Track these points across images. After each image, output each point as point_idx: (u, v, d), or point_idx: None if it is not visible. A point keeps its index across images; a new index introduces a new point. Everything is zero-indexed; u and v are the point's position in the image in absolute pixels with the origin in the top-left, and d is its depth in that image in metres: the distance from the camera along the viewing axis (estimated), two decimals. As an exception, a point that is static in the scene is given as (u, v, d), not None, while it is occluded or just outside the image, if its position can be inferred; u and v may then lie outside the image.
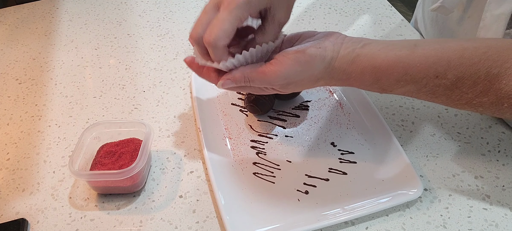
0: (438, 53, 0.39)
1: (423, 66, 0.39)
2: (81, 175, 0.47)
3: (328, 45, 0.42)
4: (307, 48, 0.41)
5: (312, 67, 0.41)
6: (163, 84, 0.66)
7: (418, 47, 0.40)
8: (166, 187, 0.51)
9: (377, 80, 0.41)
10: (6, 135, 0.59)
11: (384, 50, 0.41)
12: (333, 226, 0.45)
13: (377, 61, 0.40)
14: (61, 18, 0.85)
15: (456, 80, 0.38)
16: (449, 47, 0.39)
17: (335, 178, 0.49)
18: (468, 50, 0.38)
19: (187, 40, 0.75)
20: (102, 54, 0.74)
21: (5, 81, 0.70)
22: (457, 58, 0.38)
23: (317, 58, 0.41)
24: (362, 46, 0.41)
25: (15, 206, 0.50)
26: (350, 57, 0.41)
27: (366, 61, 0.41)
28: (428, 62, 0.39)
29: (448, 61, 0.38)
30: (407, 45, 0.41)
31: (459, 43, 0.39)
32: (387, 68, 0.40)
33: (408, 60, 0.39)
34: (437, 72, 0.39)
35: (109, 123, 0.53)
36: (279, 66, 0.40)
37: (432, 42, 0.41)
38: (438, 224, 0.44)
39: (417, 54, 0.39)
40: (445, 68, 0.38)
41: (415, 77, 0.40)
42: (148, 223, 0.47)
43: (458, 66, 0.38)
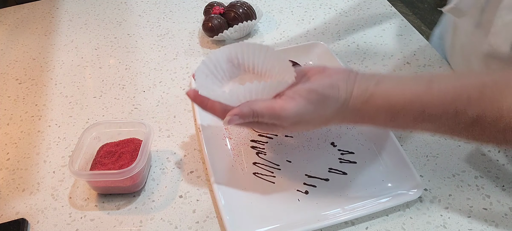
0: (457, 89, 0.37)
1: (441, 104, 0.37)
2: (81, 175, 0.47)
3: (342, 84, 0.40)
4: (321, 87, 0.39)
5: (325, 108, 0.40)
6: (163, 84, 0.66)
7: (434, 83, 0.38)
8: (166, 187, 0.51)
9: (393, 119, 0.39)
10: (6, 135, 0.59)
11: (399, 87, 0.39)
12: (333, 226, 0.45)
13: (392, 99, 0.38)
14: (61, 18, 0.85)
15: (477, 117, 0.36)
16: (468, 83, 0.37)
17: (335, 178, 0.49)
18: (488, 86, 0.36)
19: (187, 40, 0.75)
20: (102, 54, 0.74)
21: (5, 81, 0.70)
22: (477, 95, 0.36)
23: (331, 99, 0.39)
24: (376, 83, 0.40)
25: (15, 206, 0.50)
26: (364, 97, 0.39)
27: (381, 100, 0.39)
28: (446, 99, 0.37)
29: (468, 98, 0.36)
30: (422, 81, 0.39)
31: (478, 78, 0.37)
32: (403, 107, 0.38)
33: (425, 97, 0.37)
34: (457, 109, 0.36)
35: (109, 123, 0.53)
36: (291, 104, 0.39)
37: (448, 77, 0.39)
38: (438, 224, 0.44)
39: (435, 91, 0.37)
40: (465, 105, 0.36)
41: (434, 116, 0.37)
42: (148, 223, 0.47)
43: (479, 103, 0.36)
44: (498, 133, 0.36)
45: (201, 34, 0.76)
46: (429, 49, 0.68)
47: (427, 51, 0.68)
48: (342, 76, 0.41)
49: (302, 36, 0.74)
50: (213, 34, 0.71)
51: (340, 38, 0.72)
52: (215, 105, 0.42)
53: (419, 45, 0.69)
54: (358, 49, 0.70)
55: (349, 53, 0.69)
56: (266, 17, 0.79)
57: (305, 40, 0.73)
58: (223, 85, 0.46)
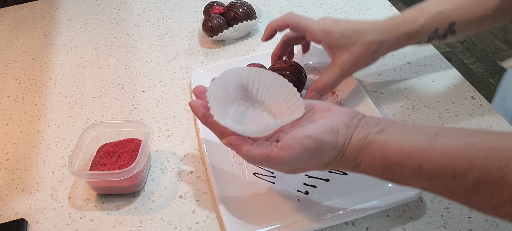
0: (459, 150, 0.34)
1: (440, 163, 0.34)
2: (80, 175, 0.47)
3: (342, 128, 0.39)
4: (318, 133, 0.38)
5: (321, 155, 0.39)
6: (163, 84, 0.66)
7: (438, 139, 0.36)
8: (165, 187, 0.50)
9: (388, 172, 0.38)
10: (6, 135, 0.59)
11: (399, 139, 0.37)
12: (333, 226, 0.45)
13: (389, 151, 0.37)
14: (61, 18, 0.85)
15: (478, 184, 0.33)
16: (473, 144, 0.34)
17: (335, 178, 0.49)
18: (495, 151, 0.33)
19: (187, 39, 0.75)
20: (101, 54, 0.74)
21: (5, 81, 0.70)
22: (480, 159, 0.33)
23: (327, 146, 0.38)
24: (378, 131, 0.38)
25: (15, 206, 0.50)
26: (361, 144, 0.38)
27: (378, 150, 0.37)
28: (446, 159, 0.34)
29: (469, 161, 0.33)
30: (427, 134, 0.37)
31: (486, 140, 0.34)
32: (399, 161, 0.36)
33: (423, 154, 0.35)
34: (456, 172, 0.34)
35: (109, 123, 0.53)
36: (286, 152, 0.38)
37: (455, 134, 0.36)
38: (439, 224, 0.44)
39: (435, 148, 0.35)
40: (465, 169, 0.33)
41: (430, 174, 0.35)
42: (147, 223, 0.47)
43: (481, 169, 0.32)
44: (501, 206, 0.33)
45: (201, 34, 0.76)
46: (430, 49, 0.68)
47: (428, 51, 0.68)
48: (345, 120, 0.40)
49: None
50: (213, 33, 0.71)
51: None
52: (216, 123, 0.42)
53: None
54: (358, 49, 0.69)
55: (349, 53, 0.69)
56: (266, 16, 0.79)
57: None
58: (230, 107, 0.46)
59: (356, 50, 0.52)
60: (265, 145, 0.40)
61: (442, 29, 0.53)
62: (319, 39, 0.53)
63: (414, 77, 0.63)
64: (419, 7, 0.53)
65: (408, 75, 0.63)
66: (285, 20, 0.54)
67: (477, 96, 0.58)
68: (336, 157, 0.39)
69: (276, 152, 0.38)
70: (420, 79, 0.62)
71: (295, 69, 0.57)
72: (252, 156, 0.40)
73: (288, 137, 0.39)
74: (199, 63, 0.70)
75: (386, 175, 0.38)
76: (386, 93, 0.60)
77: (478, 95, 0.58)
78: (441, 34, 0.53)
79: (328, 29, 0.52)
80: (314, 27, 0.52)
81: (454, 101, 0.58)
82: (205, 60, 0.70)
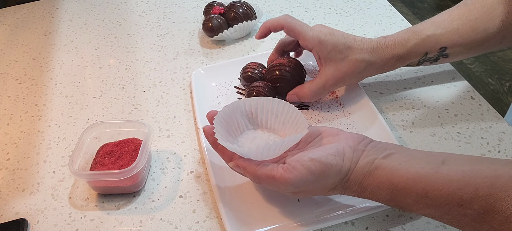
0: (466, 177, 0.34)
1: (445, 191, 0.34)
2: (81, 175, 0.47)
3: (348, 152, 0.39)
4: (324, 157, 0.38)
5: (326, 178, 0.39)
6: (163, 84, 0.66)
7: (444, 166, 0.35)
8: (166, 187, 0.51)
9: (394, 198, 0.37)
10: (6, 135, 0.59)
11: (406, 165, 0.37)
12: (333, 226, 0.45)
13: (395, 177, 0.36)
14: (61, 18, 0.85)
15: (484, 213, 0.32)
16: (480, 171, 0.34)
17: (335, 178, 0.49)
18: (502, 179, 0.32)
19: (187, 40, 0.76)
20: (102, 54, 0.74)
21: (5, 81, 0.70)
22: (487, 187, 0.32)
23: (333, 169, 0.38)
24: (384, 156, 0.38)
25: (15, 206, 0.50)
26: (368, 169, 0.38)
27: (384, 175, 0.37)
28: (452, 187, 0.34)
29: (476, 189, 0.32)
30: (434, 161, 0.36)
31: (493, 168, 0.34)
32: (405, 187, 0.36)
33: (429, 180, 0.35)
34: (462, 200, 0.33)
35: (109, 123, 0.53)
36: (291, 174, 0.38)
37: (463, 161, 0.36)
38: (438, 224, 0.44)
39: (441, 175, 0.35)
40: (472, 197, 0.33)
41: (436, 202, 0.34)
42: (148, 223, 0.47)
43: (487, 197, 0.32)
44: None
45: (201, 34, 0.76)
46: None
47: (427, 51, 0.68)
48: (352, 144, 0.40)
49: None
50: (213, 34, 0.71)
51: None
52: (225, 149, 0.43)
53: (419, 45, 0.69)
54: (358, 49, 0.70)
55: (349, 53, 0.69)
56: (266, 17, 0.79)
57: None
58: (236, 136, 0.47)
59: (342, 68, 0.52)
60: (271, 166, 0.40)
61: (432, 53, 0.52)
62: (311, 47, 0.53)
63: (413, 77, 0.63)
64: (410, 29, 0.53)
65: (408, 75, 0.63)
66: (280, 21, 0.54)
67: (476, 96, 0.58)
68: (341, 181, 0.39)
69: (281, 173, 0.38)
70: (420, 79, 0.62)
71: (294, 64, 0.57)
72: (258, 176, 0.40)
73: (294, 159, 0.39)
74: (199, 63, 0.70)
75: (392, 201, 0.38)
76: (386, 93, 0.61)
77: (477, 95, 0.59)
78: (431, 58, 0.53)
79: (322, 39, 0.51)
80: (309, 34, 0.52)
81: (453, 101, 0.58)
82: (205, 60, 0.70)
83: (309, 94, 0.55)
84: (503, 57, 1.95)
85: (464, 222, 0.34)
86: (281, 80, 0.56)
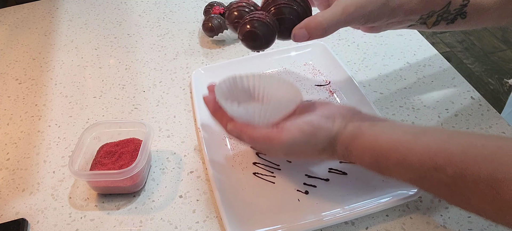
0: (441, 144, 0.36)
1: (422, 156, 0.36)
2: (81, 175, 0.47)
3: (338, 117, 0.41)
4: (316, 119, 0.41)
5: (317, 139, 0.41)
6: (163, 84, 0.66)
7: (424, 135, 0.38)
8: (166, 187, 0.51)
9: (376, 161, 0.39)
10: (6, 135, 0.59)
11: (389, 132, 0.39)
12: (333, 226, 0.45)
13: (378, 143, 0.39)
14: (61, 18, 0.85)
15: (456, 178, 0.34)
16: (456, 140, 0.36)
17: (335, 178, 0.49)
18: (474, 147, 0.34)
19: (187, 40, 0.76)
20: (102, 54, 0.74)
21: (5, 81, 0.70)
22: (460, 154, 0.34)
23: (323, 131, 0.40)
24: (370, 124, 0.40)
25: (15, 206, 0.50)
26: (354, 134, 0.40)
27: (368, 141, 0.39)
28: (429, 152, 0.36)
29: (450, 156, 0.35)
30: (415, 131, 0.39)
31: (468, 138, 0.36)
32: (386, 151, 0.38)
33: (408, 146, 0.37)
34: (437, 165, 0.35)
35: (109, 123, 0.53)
36: (284, 134, 0.40)
37: (440, 132, 0.39)
38: (438, 224, 0.45)
39: (420, 142, 0.37)
40: (445, 162, 0.35)
41: (414, 165, 0.37)
42: (148, 223, 0.47)
43: (460, 163, 0.34)
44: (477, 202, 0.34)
45: (201, 34, 0.76)
46: (429, 49, 0.68)
47: (427, 51, 0.68)
48: (343, 111, 0.42)
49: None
50: (213, 34, 0.72)
51: (340, 38, 0.72)
52: (223, 115, 0.45)
53: (419, 45, 0.69)
54: (358, 49, 0.70)
55: (349, 53, 0.69)
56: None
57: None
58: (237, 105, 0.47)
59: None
60: (266, 128, 0.42)
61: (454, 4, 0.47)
62: None
63: (413, 77, 0.63)
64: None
65: (408, 75, 0.63)
66: None
67: (476, 96, 0.58)
68: (330, 144, 0.41)
69: (275, 133, 0.41)
70: (420, 79, 0.62)
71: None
72: (254, 137, 0.42)
73: (288, 123, 0.41)
74: (199, 63, 0.70)
75: (373, 164, 0.40)
76: (386, 93, 0.61)
77: (477, 95, 0.59)
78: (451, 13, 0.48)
79: None
80: None
81: (453, 101, 0.58)
82: (205, 60, 0.70)
83: (323, 24, 0.43)
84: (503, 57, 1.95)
85: (437, 187, 0.37)
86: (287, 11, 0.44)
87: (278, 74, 0.65)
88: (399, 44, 0.70)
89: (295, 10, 0.44)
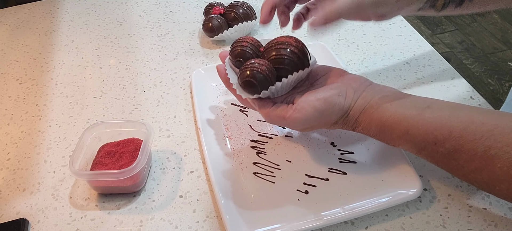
0: (443, 120, 0.39)
1: (424, 130, 0.40)
2: (81, 175, 0.48)
3: (350, 93, 0.44)
4: (329, 96, 0.43)
5: (330, 115, 0.44)
6: (163, 84, 0.66)
7: (428, 110, 0.40)
8: (166, 187, 0.51)
9: (381, 132, 0.43)
10: (7, 135, 0.59)
11: (395, 106, 0.42)
12: (333, 226, 0.45)
13: (384, 116, 0.42)
14: (62, 18, 0.86)
15: (453, 151, 0.38)
16: (457, 116, 0.39)
17: (335, 178, 0.49)
18: (474, 124, 0.37)
19: (187, 40, 0.76)
20: (102, 54, 0.74)
21: (6, 81, 0.70)
22: (460, 130, 0.37)
23: (336, 107, 0.43)
24: (380, 97, 0.43)
25: (16, 206, 0.50)
26: (363, 107, 0.43)
27: (375, 114, 0.42)
28: (430, 127, 0.39)
29: (450, 131, 0.38)
30: (420, 105, 0.42)
31: (469, 115, 0.39)
32: (391, 124, 0.41)
33: (412, 121, 0.40)
34: (436, 139, 0.39)
35: (110, 123, 0.53)
36: (299, 114, 0.43)
37: (444, 108, 0.41)
38: (438, 224, 0.45)
39: (423, 117, 0.40)
40: (445, 137, 0.38)
41: (415, 139, 0.40)
42: (148, 223, 0.47)
43: (458, 139, 0.37)
44: (471, 173, 0.38)
45: (201, 34, 0.76)
46: (429, 49, 0.68)
47: (427, 51, 0.68)
48: (355, 85, 0.45)
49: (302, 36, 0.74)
50: (213, 34, 0.72)
51: (340, 38, 0.73)
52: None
53: (419, 45, 0.70)
54: (358, 49, 0.70)
55: (349, 53, 0.69)
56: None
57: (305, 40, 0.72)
58: None
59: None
60: (282, 107, 0.45)
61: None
62: None
63: (413, 77, 0.63)
64: None
65: (407, 75, 0.63)
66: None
67: (476, 96, 0.59)
68: (342, 117, 0.44)
69: (290, 113, 0.43)
70: (419, 79, 0.62)
71: (302, 47, 0.47)
72: (270, 117, 0.45)
73: (302, 100, 0.44)
74: (199, 63, 0.70)
75: (378, 135, 0.44)
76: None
77: (477, 95, 0.59)
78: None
79: None
80: None
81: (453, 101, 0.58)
82: (206, 60, 0.71)
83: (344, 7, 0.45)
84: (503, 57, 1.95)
85: (436, 158, 0.40)
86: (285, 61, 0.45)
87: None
88: (399, 45, 0.70)
89: (294, 62, 0.45)
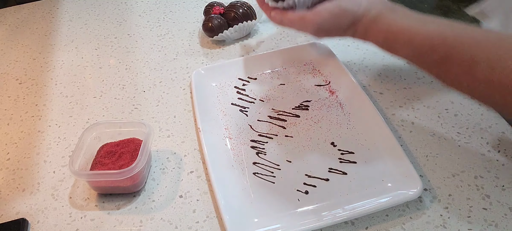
0: (441, 29, 0.43)
1: (424, 38, 0.44)
2: (81, 175, 0.48)
3: (364, 1, 0.48)
4: (344, 2, 0.47)
5: (343, 20, 0.48)
6: (163, 84, 0.66)
7: (431, 23, 0.44)
8: (166, 187, 0.51)
9: (387, 41, 0.47)
10: (7, 135, 0.59)
11: (403, 18, 0.46)
12: (333, 226, 0.45)
13: (392, 27, 0.46)
14: (61, 18, 0.86)
15: (445, 58, 0.42)
16: (453, 28, 0.43)
17: (335, 178, 0.49)
18: (466, 34, 0.41)
19: (187, 40, 0.76)
20: (102, 54, 0.74)
21: (6, 81, 0.70)
22: (452, 37, 0.42)
23: (349, 13, 0.47)
24: (391, 10, 0.47)
25: (15, 206, 0.50)
26: (374, 17, 0.47)
27: (384, 24, 0.47)
28: (429, 35, 0.43)
29: (445, 38, 0.42)
30: (425, 20, 0.45)
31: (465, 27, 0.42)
32: (396, 34, 0.46)
33: (415, 30, 0.45)
34: (432, 44, 0.43)
35: (109, 123, 0.53)
36: (316, 17, 0.48)
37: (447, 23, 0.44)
38: (438, 224, 0.45)
39: (425, 28, 0.44)
40: (439, 42, 0.42)
41: (416, 45, 0.44)
42: (148, 223, 0.47)
43: (450, 44, 0.42)
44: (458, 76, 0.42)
45: (201, 34, 0.76)
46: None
47: (427, 51, 0.68)
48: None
49: (302, 36, 0.74)
50: (213, 34, 0.72)
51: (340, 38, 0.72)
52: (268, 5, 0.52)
53: (419, 45, 0.69)
54: (358, 49, 0.70)
55: (349, 53, 0.69)
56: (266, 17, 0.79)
57: (305, 40, 0.73)
58: None
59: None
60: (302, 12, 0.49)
61: None
62: None
63: (413, 77, 0.63)
64: None
65: (408, 75, 0.63)
66: None
67: (477, 96, 0.58)
68: (353, 24, 0.48)
69: (309, 15, 0.48)
70: (420, 79, 0.62)
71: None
72: (291, 19, 0.50)
73: (321, 6, 0.48)
74: (199, 63, 0.70)
75: (384, 44, 0.48)
76: (386, 93, 0.61)
77: (478, 95, 0.59)
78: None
79: None
80: None
81: (453, 100, 0.58)
82: (205, 60, 0.70)
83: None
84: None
85: (429, 65, 0.45)
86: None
87: (278, 73, 0.65)
88: (399, 44, 0.70)
89: None
